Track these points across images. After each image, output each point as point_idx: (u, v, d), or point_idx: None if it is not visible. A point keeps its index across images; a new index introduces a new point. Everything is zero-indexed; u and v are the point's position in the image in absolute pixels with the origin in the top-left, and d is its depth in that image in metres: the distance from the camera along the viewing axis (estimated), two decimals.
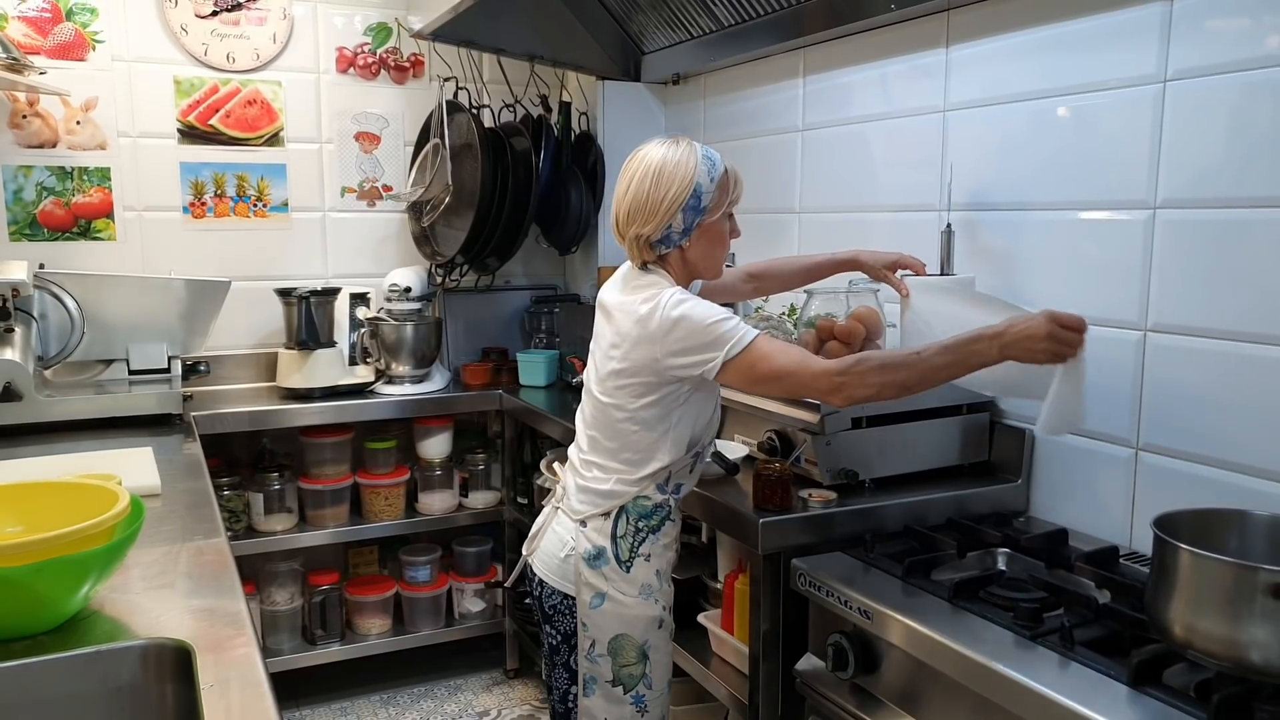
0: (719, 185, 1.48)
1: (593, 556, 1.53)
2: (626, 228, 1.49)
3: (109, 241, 2.74)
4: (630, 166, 1.50)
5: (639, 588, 1.53)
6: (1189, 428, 1.49)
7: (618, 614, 1.53)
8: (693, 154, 1.47)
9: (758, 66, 2.46)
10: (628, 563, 1.53)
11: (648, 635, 1.55)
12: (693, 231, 1.49)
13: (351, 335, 2.78)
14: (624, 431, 1.51)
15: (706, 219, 1.49)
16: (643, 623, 1.54)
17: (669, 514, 1.56)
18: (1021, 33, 1.73)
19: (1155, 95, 1.51)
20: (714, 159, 1.49)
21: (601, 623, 1.53)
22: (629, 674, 1.54)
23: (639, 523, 1.53)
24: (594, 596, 1.53)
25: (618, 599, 1.52)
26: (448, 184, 2.79)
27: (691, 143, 1.49)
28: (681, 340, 1.42)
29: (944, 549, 1.53)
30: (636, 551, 1.53)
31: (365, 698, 2.84)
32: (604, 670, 1.54)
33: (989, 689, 1.17)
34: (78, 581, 1.12)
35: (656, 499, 1.54)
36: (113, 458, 1.92)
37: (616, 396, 1.51)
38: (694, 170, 1.46)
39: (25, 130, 2.63)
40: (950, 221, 1.78)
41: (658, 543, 1.55)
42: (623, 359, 1.48)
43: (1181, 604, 1.06)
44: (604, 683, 1.55)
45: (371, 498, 2.81)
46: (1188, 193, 1.47)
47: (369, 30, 2.99)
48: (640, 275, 1.52)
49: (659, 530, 1.55)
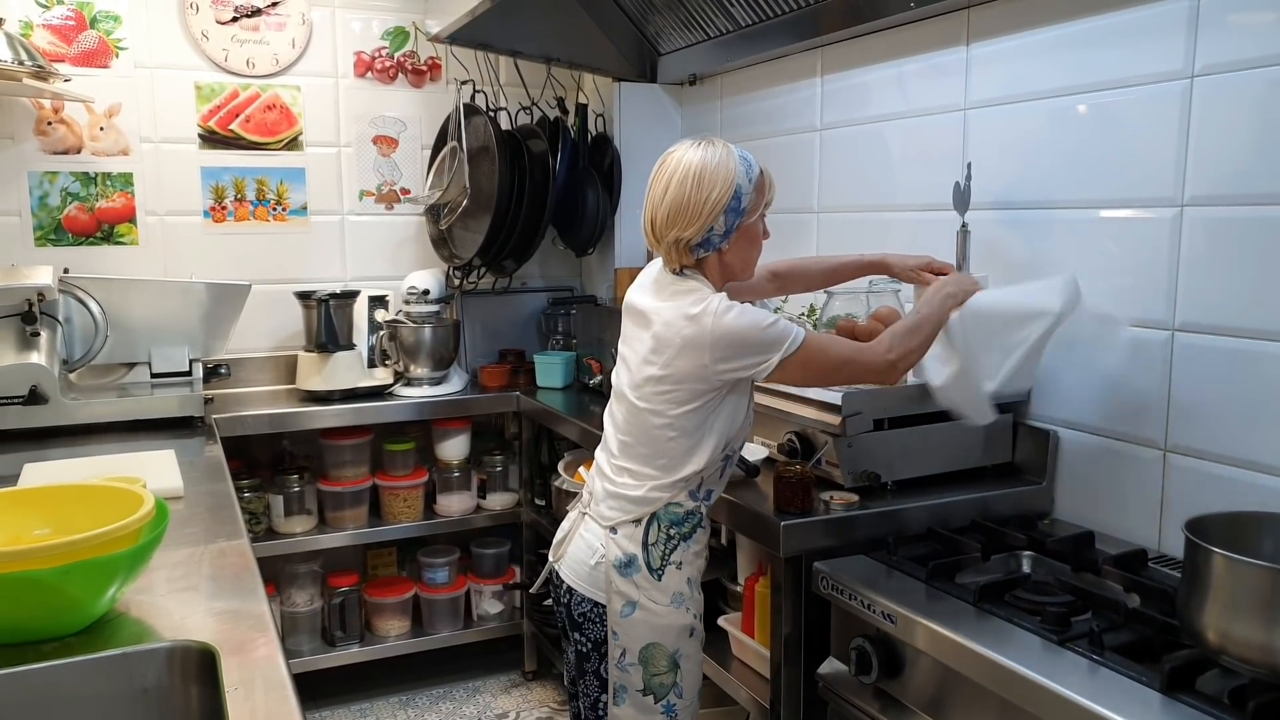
0: (756, 186, 1.47)
1: (624, 564, 1.50)
2: (665, 231, 1.46)
3: (131, 246, 2.76)
4: (666, 169, 1.47)
5: (670, 596, 1.51)
6: (1219, 429, 1.47)
7: (649, 623, 1.50)
8: (730, 155, 1.45)
9: (775, 66, 2.45)
10: (659, 571, 1.50)
11: (679, 644, 1.52)
12: (733, 234, 1.47)
13: (370, 338, 2.80)
14: (660, 438, 1.49)
15: (745, 220, 1.47)
16: (674, 631, 1.51)
17: (700, 521, 1.54)
18: (1043, 29, 1.72)
19: (1182, 91, 1.49)
20: (749, 160, 1.47)
21: (632, 631, 1.51)
22: (659, 683, 1.52)
23: (671, 530, 1.51)
24: (625, 605, 1.50)
25: (649, 608, 1.50)
26: (465, 187, 2.79)
27: (726, 144, 1.47)
28: (734, 346, 1.41)
29: (968, 552, 1.51)
30: (668, 559, 1.51)
31: (384, 699, 2.85)
32: (634, 679, 1.52)
33: (1016, 694, 1.15)
34: (105, 583, 1.12)
35: (688, 506, 1.52)
36: (136, 460, 1.94)
37: (655, 402, 1.48)
38: (734, 171, 1.44)
39: (51, 137, 2.66)
40: (966, 221, 1.76)
41: (689, 550, 1.53)
42: (665, 366, 1.45)
43: (1215, 609, 1.05)
44: (634, 691, 1.53)
45: (390, 499, 2.82)
46: (1217, 189, 1.45)
47: (386, 34, 3.00)
48: (678, 280, 1.50)
49: (690, 537, 1.52)
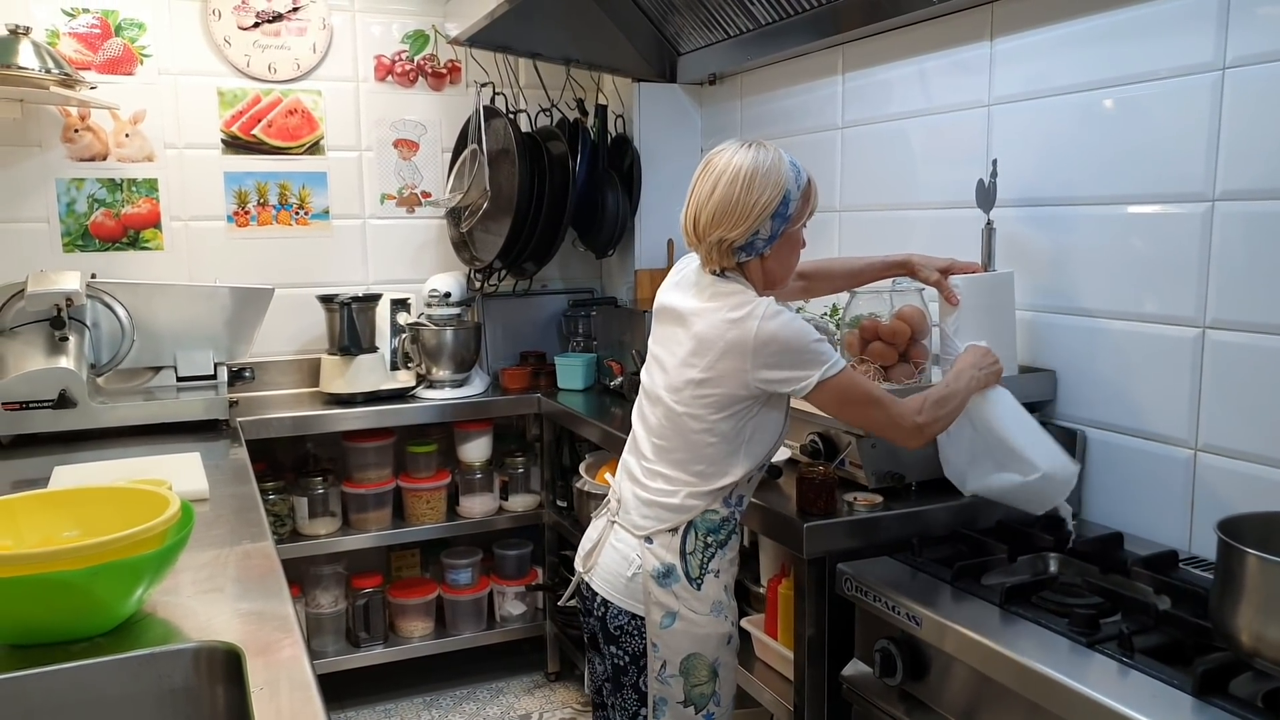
0: (803, 194, 1.46)
1: (662, 575, 1.47)
2: (710, 231, 1.43)
3: (157, 251, 2.80)
4: (714, 169, 1.43)
5: (710, 605, 1.49)
6: (1251, 428, 1.44)
7: (689, 633, 1.48)
8: (781, 161, 1.43)
9: (795, 64, 2.44)
10: (699, 580, 1.47)
11: (719, 653, 1.51)
12: (777, 239, 1.45)
13: (393, 341, 2.81)
14: (699, 443, 1.46)
15: (790, 227, 1.46)
16: (714, 640, 1.50)
17: (734, 527, 1.52)
18: (1069, 23, 1.69)
19: (1213, 84, 1.46)
20: (799, 167, 1.46)
21: (673, 643, 1.48)
22: (700, 693, 1.50)
23: (708, 538, 1.48)
24: (665, 616, 1.47)
25: (689, 618, 1.47)
26: (485, 189, 2.80)
27: (777, 149, 1.45)
28: (778, 354, 1.39)
29: (994, 553, 1.49)
30: (707, 568, 1.48)
31: (408, 700, 2.86)
32: (675, 691, 1.50)
33: (1045, 697, 1.14)
34: (132, 584, 1.14)
35: (724, 513, 1.50)
36: (162, 463, 1.96)
37: (694, 407, 1.45)
38: (785, 177, 1.42)
39: (77, 144, 2.69)
40: (991, 218, 1.74)
41: (725, 557, 1.51)
42: (706, 369, 1.43)
43: (1249, 611, 1.03)
44: (675, 704, 1.50)
45: (413, 501, 2.83)
46: (1250, 184, 1.42)
47: (406, 38, 3.02)
48: (720, 282, 1.47)
49: (726, 545, 1.51)
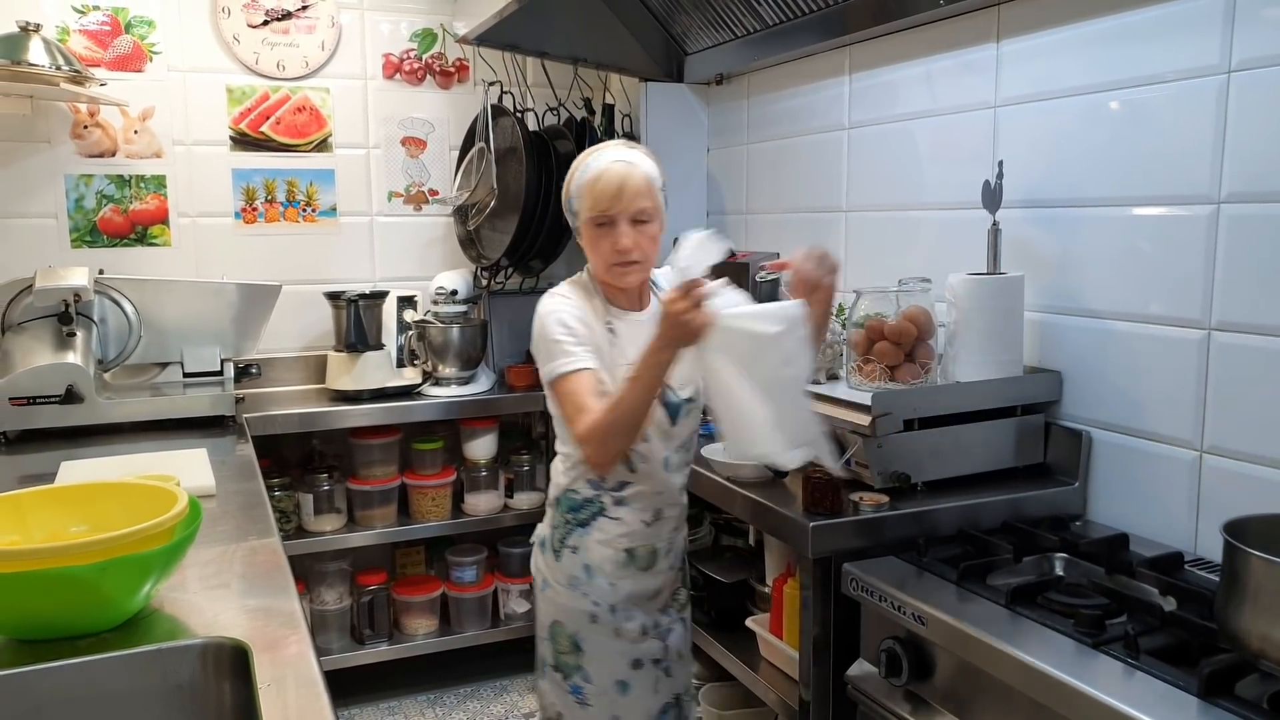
0: (579, 191, 1.53)
1: (541, 543, 1.65)
2: None
3: (164, 247, 2.81)
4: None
5: (568, 579, 1.58)
6: (1257, 429, 1.44)
7: (552, 600, 1.61)
8: (587, 161, 1.54)
9: (802, 65, 2.43)
10: (558, 552, 1.59)
11: (579, 627, 1.59)
12: (579, 231, 1.55)
13: (399, 338, 2.82)
14: (559, 422, 1.57)
15: (577, 221, 1.55)
16: (573, 614, 1.58)
17: (601, 510, 1.57)
18: (1075, 25, 1.69)
19: (1219, 87, 1.46)
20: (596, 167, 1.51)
21: (544, 607, 1.64)
22: (565, 661, 1.60)
23: (568, 515, 1.59)
24: (541, 581, 1.64)
25: (554, 586, 1.60)
26: (493, 187, 2.80)
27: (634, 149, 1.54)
28: (536, 340, 1.52)
29: (999, 553, 1.49)
30: (565, 543, 1.59)
31: (413, 697, 2.87)
32: (547, 654, 1.64)
33: (1050, 698, 1.14)
34: (140, 580, 1.14)
35: (586, 494, 1.57)
36: (169, 458, 1.96)
37: None
38: (579, 175, 1.52)
39: (86, 140, 2.70)
40: (997, 219, 1.74)
41: (588, 537, 1.57)
42: None
43: (1255, 613, 1.03)
44: (548, 666, 1.63)
45: (419, 498, 2.84)
46: (1256, 186, 1.42)
47: (414, 36, 3.02)
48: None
49: (588, 525, 1.57)
